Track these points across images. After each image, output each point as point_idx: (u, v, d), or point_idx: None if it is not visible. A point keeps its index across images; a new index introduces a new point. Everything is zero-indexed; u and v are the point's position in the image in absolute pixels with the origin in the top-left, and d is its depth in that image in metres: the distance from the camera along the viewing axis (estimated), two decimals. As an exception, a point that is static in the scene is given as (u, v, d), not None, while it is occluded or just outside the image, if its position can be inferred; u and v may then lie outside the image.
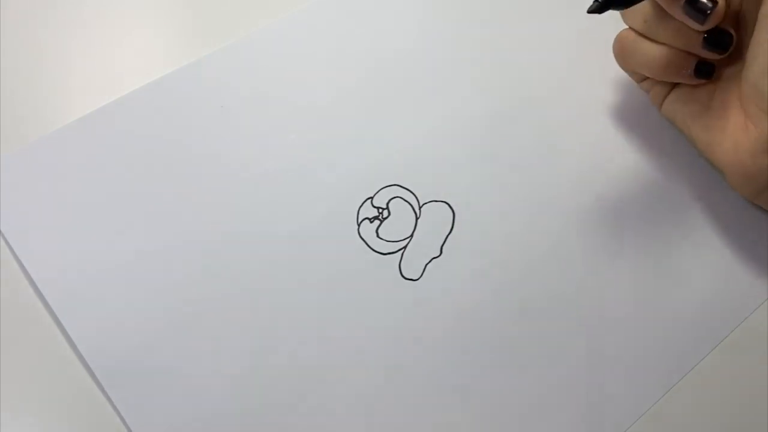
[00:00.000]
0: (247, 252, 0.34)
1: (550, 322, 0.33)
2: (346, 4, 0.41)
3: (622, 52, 0.35)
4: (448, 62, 0.39)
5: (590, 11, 0.31)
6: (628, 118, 0.38)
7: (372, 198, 0.36)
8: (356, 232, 0.35)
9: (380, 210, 0.35)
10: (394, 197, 0.36)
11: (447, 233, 0.35)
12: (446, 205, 0.36)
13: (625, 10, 0.33)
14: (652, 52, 0.34)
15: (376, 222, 0.35)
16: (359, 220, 0.35)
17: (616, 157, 0.37)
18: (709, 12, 0.30)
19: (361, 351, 0.32)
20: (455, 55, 0.40)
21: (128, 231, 0.34)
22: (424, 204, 0.36)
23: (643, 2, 0.32)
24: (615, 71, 0.37)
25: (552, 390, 0.32)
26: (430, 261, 0.34)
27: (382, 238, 0.35)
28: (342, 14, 0.40)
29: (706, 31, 0.32)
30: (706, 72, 0.33)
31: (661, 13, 0.32)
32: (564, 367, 0.32)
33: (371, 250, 0.34)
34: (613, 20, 0.34)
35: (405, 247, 0.35)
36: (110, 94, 0.37)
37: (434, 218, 0.35)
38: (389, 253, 0.34)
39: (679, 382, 0.32)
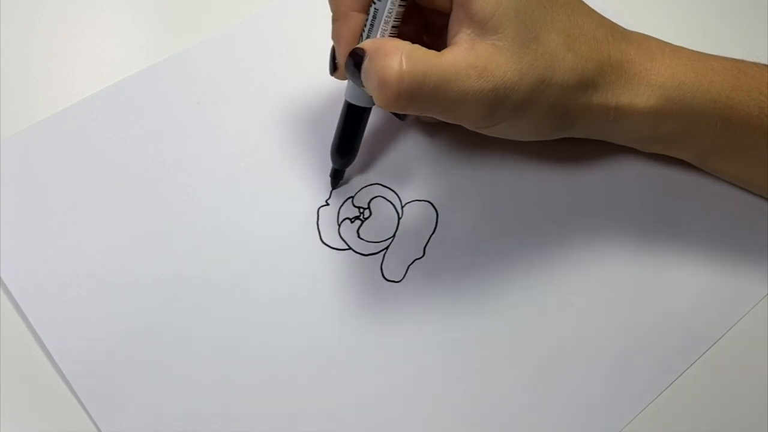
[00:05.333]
0: (223, 252, 0.33)
1: (538, 323, 0.33)
2: (321, 2, 0.40)
3: None
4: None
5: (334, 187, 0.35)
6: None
7: (353, 197, 0.35)
8: (337, 232, 0.34)
9: (361, 210, 0.35)
10: (376, 196, 0.35)
11: (430, 234, 0.34)
12: (429, 205, 0.35)
13: None
14: None
15: (357, 222, 0.34)
16: (339, 221, 0.34)
17: (606, 157, 0.36)
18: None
19: (342, 355, 0.32)
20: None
21: (100, 231, 0.33)
22: (406, 203, 0.35)
23: None
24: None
25: (541, 392, 0.31)
26: (412, 262, 0.34)
27: (363, 239, 0.34)
28: (319, 10, 0.39)
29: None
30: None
31: None
32: (553, 368, 0.32)
33: (352, 251, 0.34)
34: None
35: (387, 248, 0.34)
36: (82, 91, 0.36)
37: (417, 218, 0.35)
38: (370, 254, 0.34)
39: (674, 381, 0.32)
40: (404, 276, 0.33)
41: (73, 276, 0.32)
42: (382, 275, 0.33)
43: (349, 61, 0.29)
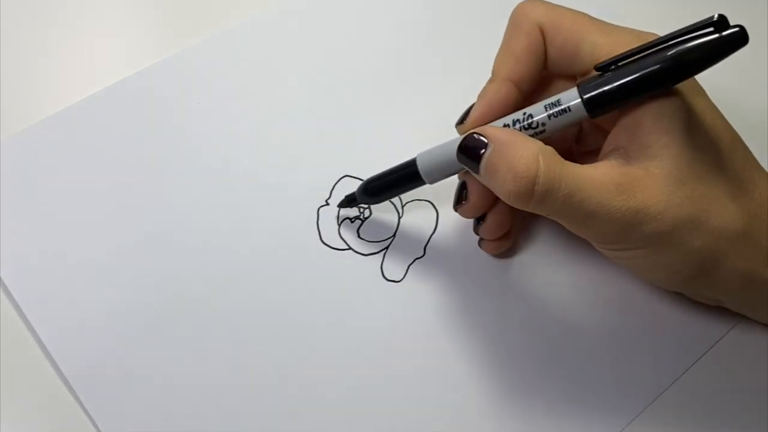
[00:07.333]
0: (225, 252, 0.33)
1: (538, 323, 0.33)
2: (323, 3, 0.40)
3: None
4: (432, 59, 0.39)
5: (340, 206, 0.34)
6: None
7: (353, 197, 0.35)
8: (337, 232, 0.34)
9: (361, 209, 0.35)
10: (376, 196, 0.35)
11: (431, 233, 0.34)
12: (430, 205, 0.35)
13: None
14: None
15: (357, 222, 0.34)
16: (339, 221, 0.34)
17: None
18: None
19: (342, 354, 0.32)
20: (437, 52, 0.39)
21: (100, 231, 0.33)
22: (407, 203, 0.35)
23: None
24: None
25: (540, 392, 0.31)
26: (413, 262, 0.34)
27: (363, 239, 0.34)
28: (319, 13, 0.40)
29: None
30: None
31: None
32: (554, 369, 0.32)
33: (352, 251, 0.34)
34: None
35: (387, 248, 0.34)
36: (82, 91, 0.36)
37: (417, 218, 0.35)
38: (371, 254, 0.34)
39: (674, 382, 0.32)
40: (404, 276, 0.33)
41: (73, 276, 0.32)
42: (382, 275, 0.33)
43: (468, 141, 0.28)
